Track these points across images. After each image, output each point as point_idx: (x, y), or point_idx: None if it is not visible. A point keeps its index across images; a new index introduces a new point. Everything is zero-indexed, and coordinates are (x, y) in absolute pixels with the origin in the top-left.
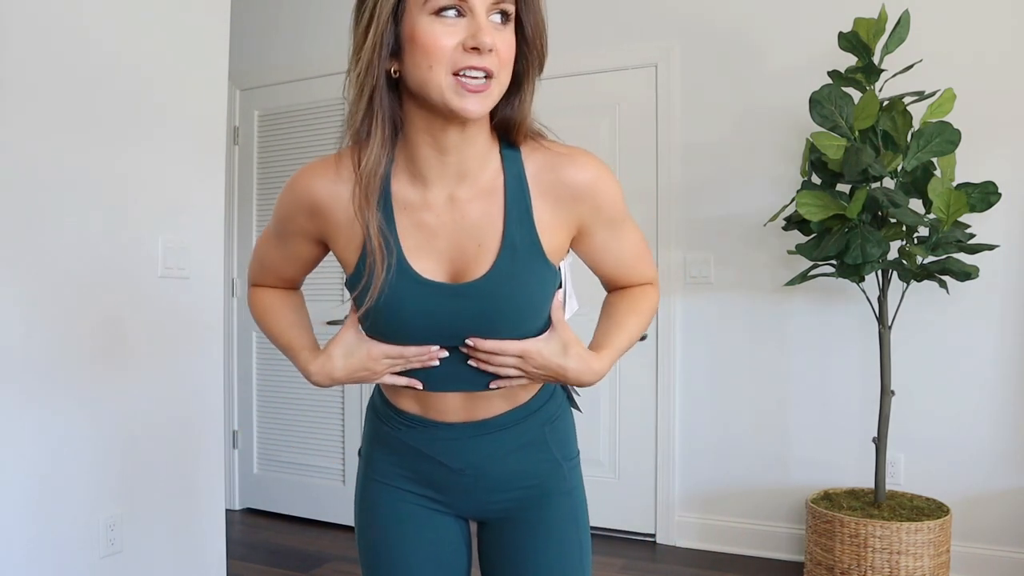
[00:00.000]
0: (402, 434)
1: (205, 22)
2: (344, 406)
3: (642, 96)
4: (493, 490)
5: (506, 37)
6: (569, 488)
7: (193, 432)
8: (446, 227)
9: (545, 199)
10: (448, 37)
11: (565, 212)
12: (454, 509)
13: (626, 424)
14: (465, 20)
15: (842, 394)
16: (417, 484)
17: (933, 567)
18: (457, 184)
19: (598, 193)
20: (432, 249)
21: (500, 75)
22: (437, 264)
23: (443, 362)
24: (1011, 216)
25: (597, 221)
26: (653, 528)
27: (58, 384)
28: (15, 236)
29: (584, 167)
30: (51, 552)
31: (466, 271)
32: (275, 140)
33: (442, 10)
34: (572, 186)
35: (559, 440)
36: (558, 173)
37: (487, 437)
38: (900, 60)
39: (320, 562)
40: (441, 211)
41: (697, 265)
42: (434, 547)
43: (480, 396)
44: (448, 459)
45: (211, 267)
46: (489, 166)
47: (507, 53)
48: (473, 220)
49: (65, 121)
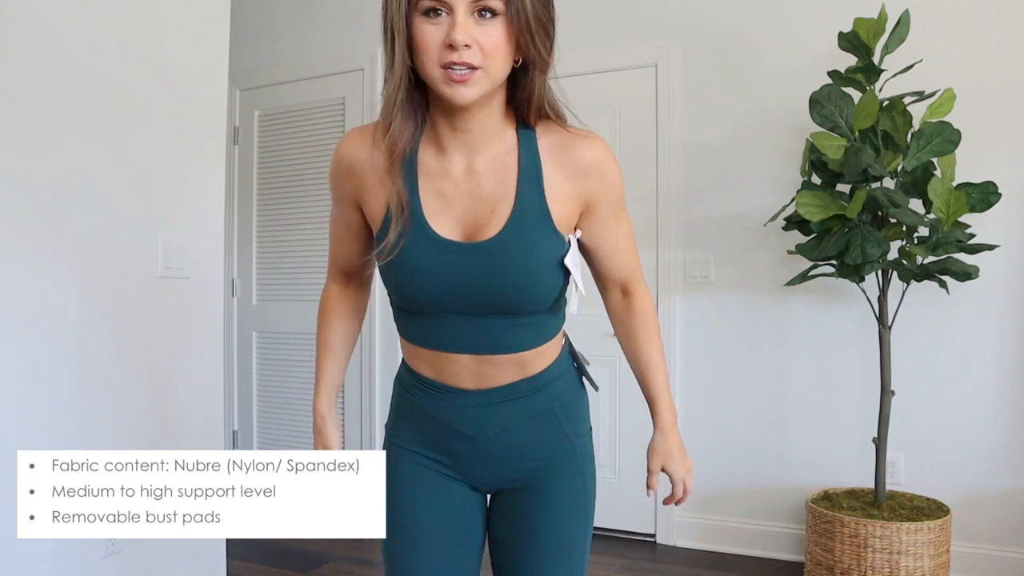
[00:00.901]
0: (421, 400)
1: (205, 22)
2: (344, 406)
3: (642, 96)
4: (504, 459)
5: (490, 31)
6: (580, 465)
7: (193, 432)
8: (462, 194)
9: (556, 171)
10: (433, 35)
11: (574, 185)
12: (469, 480)
13: (626, 424)
14: (448, 18)
15: (842, 394)
16: (435, 452)
17: (933, 567)
18: (473, 155)
19: (605, 171)
20: (450, 213)
21: (487, 65)
22: (454, 226)
23: (454, 325)
24: (1011, 216)
25: (603, 199)
26: (653, 528)
27: (57, 383)
28: (15, 236)
29: (593, 146)
30: (51, 552)
31: (479, 232)
32: (275, 140)
33: (428, 11)
34: (582, 161)
35: (570, 415)
36: (569, 149)
37: (498, 406)
38: (900, 60)
39: (320, 562)
40: (459, 180)
41: (697, 265)
42: (451, 513)
43: (490, 362)
44: (462, 426)
45: (211, 267)
46: (504, 141)
47: (490, 45)
48: (488, 189)
49: (65, 121)
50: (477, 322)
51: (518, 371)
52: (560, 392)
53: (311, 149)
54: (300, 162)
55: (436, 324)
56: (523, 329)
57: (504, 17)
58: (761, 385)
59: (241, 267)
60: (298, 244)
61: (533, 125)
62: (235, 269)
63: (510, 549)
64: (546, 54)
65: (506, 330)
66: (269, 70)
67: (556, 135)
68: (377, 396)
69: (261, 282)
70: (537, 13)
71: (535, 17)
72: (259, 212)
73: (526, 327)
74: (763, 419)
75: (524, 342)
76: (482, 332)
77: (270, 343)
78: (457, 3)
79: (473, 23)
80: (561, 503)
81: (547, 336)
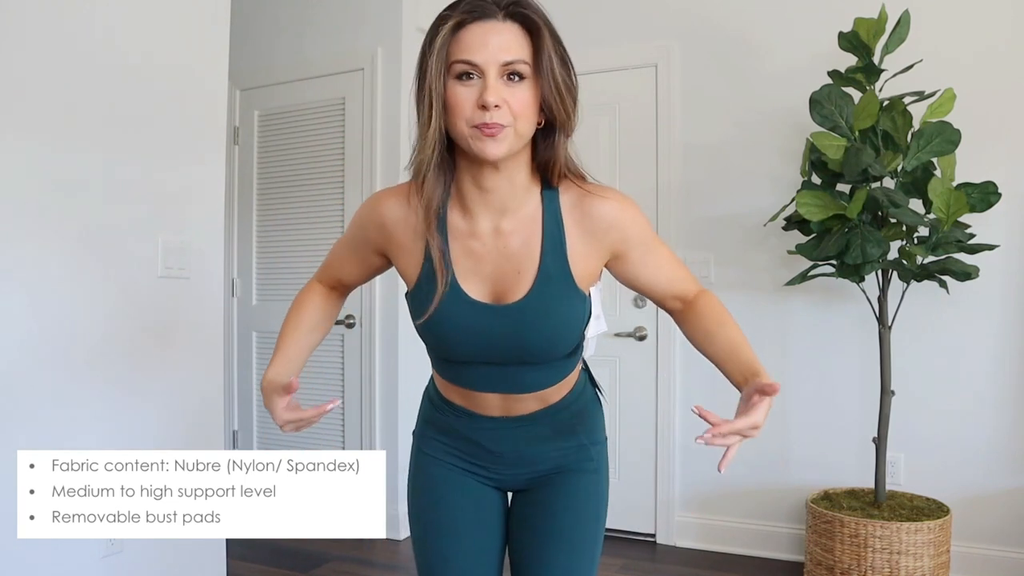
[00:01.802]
0: (450, 420)
1: (205, 22)
2: (344, 406)
3: (642, 96)
4: (525, 466)
5: (518, 94)
6: (595, 467)
7: (193, 432)
8: (491, 254)
9: (576, 231)
10: (467, 96)
11: (595, 242)
12: (493, 481)
13: (626, 424)
14: (480, 82)
15: (842, 394)
16: (461, 459)
17: (933, 567)
18: (500, 217)
19: (623, 222)
20: (478, 273)
21: (517, 124)
22: (482, 286)
23: (483, 372)
24: (1011, 216)
25: (630, 246)
26: (653, 528)
27: (57, 383)
28: (15, 236)
29: (607, 201)
30: (51, 552)
31: (506, 294)
32: (275, 140)
33: (461, 75)
34: (598, 218)
35: (587, 427)
36: (586, 208)
37: (522, 428)
38: (900, 60)
39: (320, 562)
40: (487, 240)
41: (697, 265)
42: (477, 511)
43: (516, 399)
44: (489, 444)
45: (211, 267)
46: (529, 202)
47: (519, 106)
48: (514, 250)
49: (65, 121)
50: (504, 369)
51: (540, 403)
52: (578, 410)
53: (311, 149)
54: (300, 162)
55: (467, 370)
56: (545, 372)
57: (531, 80)
58: None
59: (241, 267)
60: (298, 244)
61: (555, 185)
62: (235, 269)
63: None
64: (570, 116)
65: (530, 374)
66: (269, 70)
67: (575, 193)
68: (377, 398)
69: (261, 282)
70: (562, 77)
71: (561, 81)
72: (259, 212)
73: (548, 369)
74: None
75: (546, 382)
76: (508, 377)
77: (270, 343)
78: (489, 67)
79: (503, 85)
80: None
81: (567, 373)
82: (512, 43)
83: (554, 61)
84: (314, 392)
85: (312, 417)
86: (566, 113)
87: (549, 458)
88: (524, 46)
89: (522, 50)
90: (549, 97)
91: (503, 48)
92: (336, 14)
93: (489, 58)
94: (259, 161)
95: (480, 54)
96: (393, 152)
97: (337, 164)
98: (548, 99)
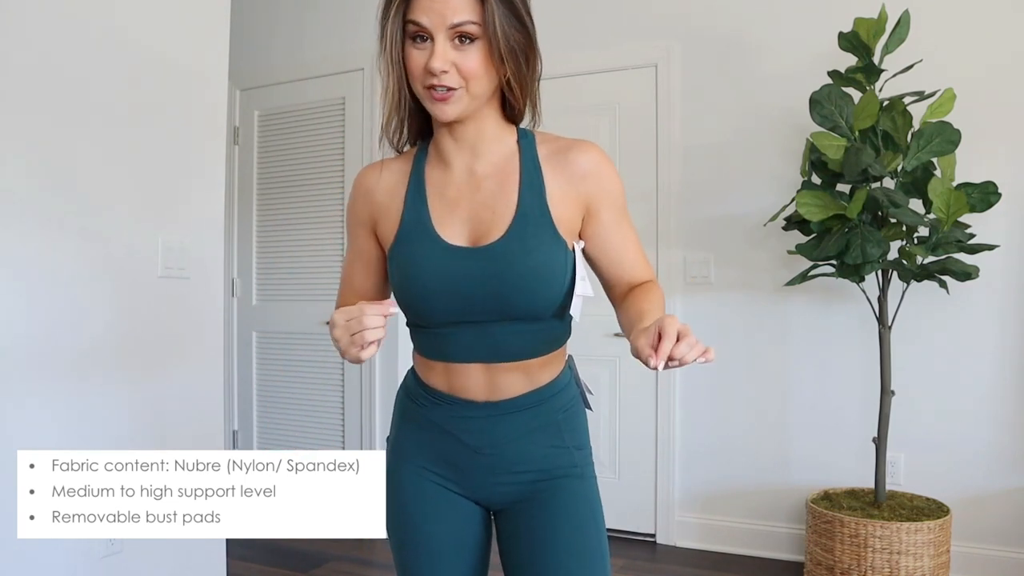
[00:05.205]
0: (428, 411)
1: (205, 22)
2: (344, 406)
3: (642, 96)
4: (507, 471)
5: (468, 55)
6: (582, 472)
7: (193, 432)
8: (465, 197)
9: (555, 177)
10: (418, 59)
11: (573, 189)
12: (472, 494)
13: (626, 424)
14: (430, 44)
15: (842, 394)
16: (439, 465)
17: (933, 567)
18: (474, 159)
19: (603, 173)
20: (455, 217)
21: (469, 86)
22: (459, 230)
23: (464, 335)
24: (1011, 216)
25: (603, 202)
26: (653, 528)
27: (57, 383)
28: (15, 236)
29: (590, 151)
30: (51, 552)
31: (484, 236)
32: (275, 140)
33: (414, 36)
34: (578, 164)
35: (572, 429)
36: (566, 155)
37: (506, 417)
38: (900, 60)
39: (320, 562)
40: (461, 183)
41: (697, 265)
42: (456, 527)
43: (500, 372)
44: (468, 438)
45: (211, 267)
46: (503, 147)
47: (468, 69)
48: (490, 192)
49: (65, 121)
50: (485, 329)
51: (526, 381)
52: (563, 405)
53: (311, 149)
54: (300, 162)
55: (447, 335)
56: (530, 336)
57: (482, 41)
58: (761, 385)
59: (241, 267)
60: (298, 244)
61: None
62: (235, 269)
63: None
64: (524, 72)
65: (513, 336)
66: (269, 70)
67: (554, 143)
68: (377, 398)
69: (261, 282)
70: (513, 35)
71: (512, 39)
72: (259, 212)
73: (532, 333)
74: (763, 419)
75: (531, 349)
76: (490, 338)
77: (270, 343)
78: (436, 31)
79: (452, 48)
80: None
81: (553, 344)
82: (459, 5)
83: (502, 19)
84: (314, 392)
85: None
86: (517, 70)
87: (533, 460)
88: (472, 6)
89: (470, 11)
90: (504, 55)
91: (450, 10)
92: (336, 14)
93: (436, 20)
94: (259, 161)
95: (427, 16)
96: (393, 152)
97: (337, 164)
98: (503, 57)
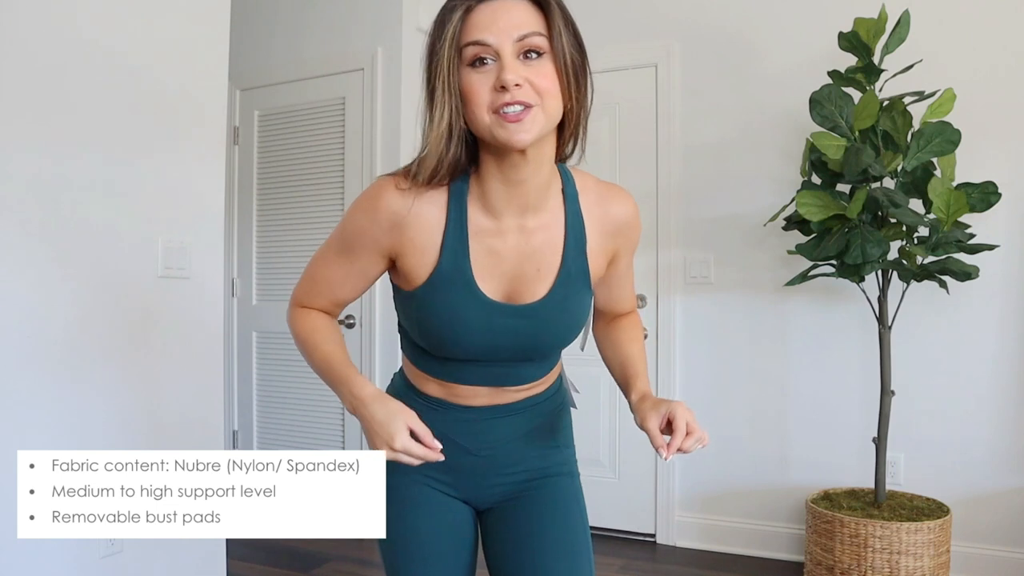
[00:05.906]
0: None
1: (205, 22)
2: (344, 409)
3: (642, 96)
4: (501, 472)
5: (540, 70)
6: (570, 471)
7: (193, 432)
8: (512, 252)
9: (594, 229)
10: (482, 83)
11: (608, 242)
12: (463, 495)
13: (626, 424)
14: (495, 65)
15: (842, 394)
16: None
17: (933, 567)
18: (525, 214)
19: (634, 226)
20: (497, 272)
21: (544, 103)
22: (498, 284)
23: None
24: (1011, 216)
25: (626, 250)
26: (653, 528)
27: (57, 383)
28: (15, 237)
29: (627, 203)
30: (51, 552)
31: (523, 292)
32: (275, 140)
33: (474, 61)
34: (617, 219)
35: (559, 429)
36: (607, 207)
37: (504, 419)
38: (900, 60)
39: (320, 562)
40: (510, 238)
41: (697, 265)
42: (450, 529)
43: (505, 392)
44: (465, 440)
45: (211, 267)
46: (552, 198)
47: (543, 83)
48: (536, 247)
49: (65, 121)
50: (505, 366)
51: (526, 392)
52: (555, 408)
53: (311, 149)
54: (300, 162)
55: (462, 367)
56: (541, 365)
57: (549, 55)
58: (761, 385)
59: (241, 267)
60: (298, 244)
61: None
62: (235, 269)
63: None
64: (586, 97)
65: (528, 369)
66: (269, 70)
67: (594, 191)
68: None
69: (261, 282)
70: (576, 59)
71: (576, 62)
72: (259, 212)
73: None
74: (763, 419)
75: (540, 374)
76: (503, 372)
77: (270, 343)
78: (503, 46)
79: (521, 65)
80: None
81: (554, 364)
82: (524, 17)
83: (567, 40)
84: (314, 392)
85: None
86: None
87: (526, 460)
88: (538, 19)
89: (535, 22)
90: (568, 73)
91: (515, 23)
92: (336, 14)
93: (502, 36)
94: (259, 161)
95: (491, 33)
96: (393, 152)
97: (337, 164)
98: (568, 75)
